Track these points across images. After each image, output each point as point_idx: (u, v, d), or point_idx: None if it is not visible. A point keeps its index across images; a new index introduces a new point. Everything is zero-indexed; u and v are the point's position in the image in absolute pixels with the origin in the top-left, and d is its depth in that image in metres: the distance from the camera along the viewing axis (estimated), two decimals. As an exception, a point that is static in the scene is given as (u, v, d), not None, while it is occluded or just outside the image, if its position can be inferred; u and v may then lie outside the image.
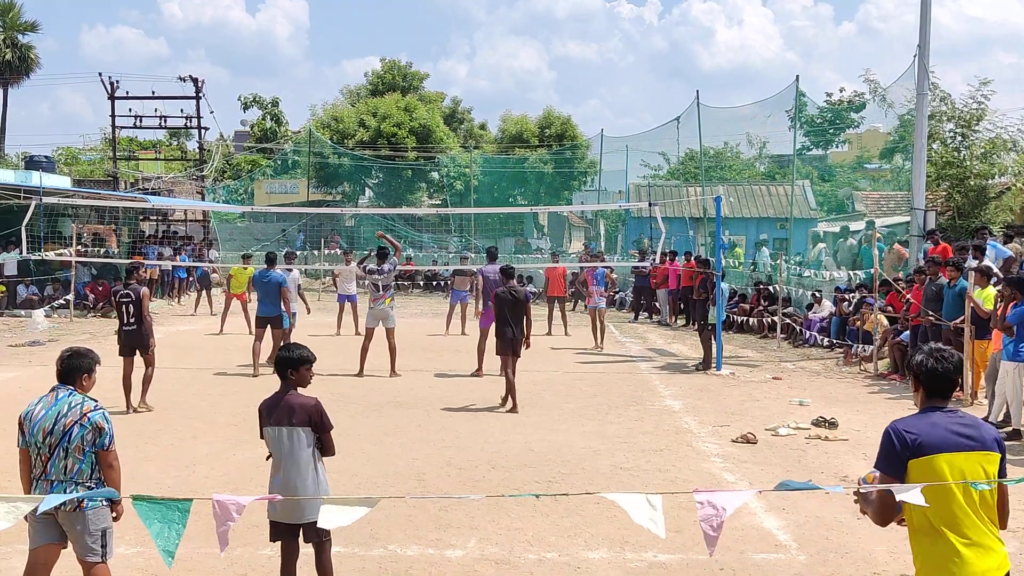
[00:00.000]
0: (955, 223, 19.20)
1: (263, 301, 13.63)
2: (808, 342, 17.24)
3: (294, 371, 5.37)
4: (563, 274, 19.71)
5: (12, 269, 22.26)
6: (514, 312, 11.17)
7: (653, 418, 10.85)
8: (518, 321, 11.19)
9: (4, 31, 42.92)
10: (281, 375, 5.40)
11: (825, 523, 6.91)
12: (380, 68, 44.04)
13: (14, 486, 5.42)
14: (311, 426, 5.28)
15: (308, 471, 5.26)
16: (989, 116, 19.61)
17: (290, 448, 5.24)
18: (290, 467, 5.24)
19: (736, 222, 30.10)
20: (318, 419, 5.31)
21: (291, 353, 5.43)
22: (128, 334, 10.97)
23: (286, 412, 5.26)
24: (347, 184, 38.72)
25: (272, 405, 5.34)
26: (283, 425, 5.26)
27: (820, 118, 34.64)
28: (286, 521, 5.28)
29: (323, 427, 5.34)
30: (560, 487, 7.84)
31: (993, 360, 10.32)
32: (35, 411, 4.92)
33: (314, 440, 5.30)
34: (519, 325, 11.20)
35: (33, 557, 4.93)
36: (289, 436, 5.24)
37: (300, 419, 5.26)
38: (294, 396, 5.34)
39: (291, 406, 5.29)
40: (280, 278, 13.70)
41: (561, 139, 38.78)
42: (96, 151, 43.87)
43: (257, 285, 13.86)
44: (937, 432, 3.65)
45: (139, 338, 10.95)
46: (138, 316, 10.93)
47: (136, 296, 10.94)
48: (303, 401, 5.33)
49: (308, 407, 5.31)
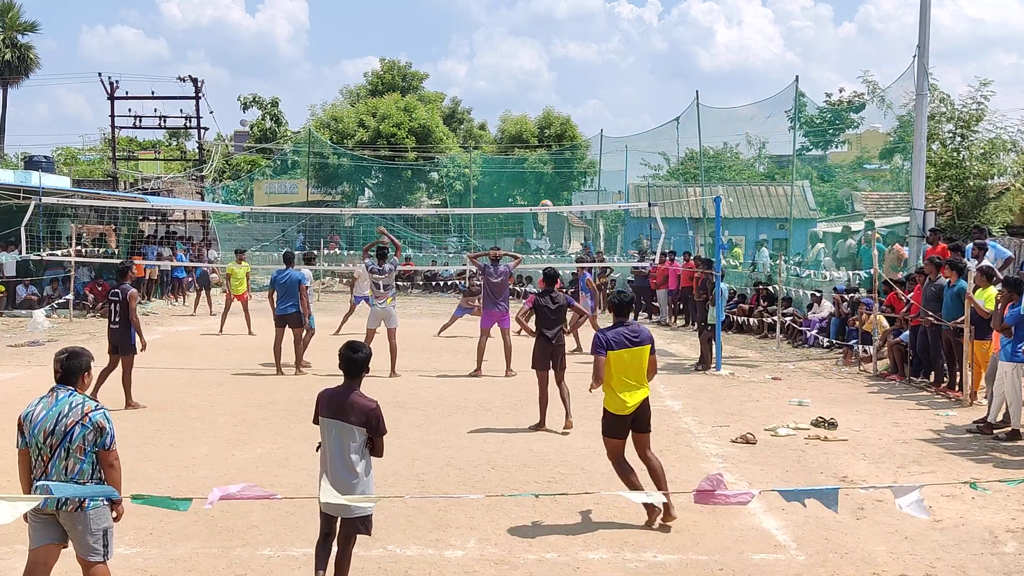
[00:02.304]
0: (955, 223, 19.22)
1: (282, 300, 13.66)
2: (808, 343, 17.25)
3: (365, 370, 5.55)
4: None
5: (12, 269, 22.26)
6: (556, 321, 10.24)
7: (652, 418, 10.82)
8: (559, 329, 10.23)
9: (4, 31, 42.94)
10: (350, 373, 5.52)
11: (824, 523, 6.91)
12: (380, 68, 44.02)
13: (14, 487, 5.42)
14: (367, 427, 5.40)
15: (355, 468, 5.37)
16: (988, 117, 19.65)
17: (346, 443, 5.37)
18: (342, 461, 5.37)
19: (736, 222, 30.09)
20: (376, 423, 5.44)
21: (360, 353, 5.57)
22: (111, 332, 11.07)
23: (347, 409, 5.40)
24: (347, 184, 38.70)
25: (334, 398, 5.47)
26: (341, 420, 5.39)
27: (820, 119, 34.62)
28: (333, 513, 5.42)
29: (378, 431, 5.47)
30: (560, 487, 7.84)
31: (993, 360, 10.32)
32: (35, 412, 4.92)
33: (366, 440, 5.43)
34: (560, 334, 10.24)
35: (33, 557, 4.93)
36: (344, 432, 5.38)
37: (359, 419, 5.40)
38: (358, 396, 5.47)
39: (353, 404, 5.42)
40: (299, 276, 13.76)
41: (561, 139, 38.77)
42: (95, 151, 43.87)
43: (275, 284, 13.88)
44: (618, 336, 6.93)
45: (119, 338, 10.98)
46: (123, 316, 10.96)
47: (123, 296, 10.98)
48: (365, 403, 5.46)
49: (368, 409, 5.44)
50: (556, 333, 10.17)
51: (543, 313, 10.20)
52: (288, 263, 14.06)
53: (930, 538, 6.68)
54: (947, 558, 6.32)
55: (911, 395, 12.44)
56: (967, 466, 8.72)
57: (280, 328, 13.70)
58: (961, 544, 6.59)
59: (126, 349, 11.03)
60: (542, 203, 32.30)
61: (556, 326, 10.20)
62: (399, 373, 13.57)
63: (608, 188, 36.46)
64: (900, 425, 10.51)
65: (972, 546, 6.55)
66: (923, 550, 6.46)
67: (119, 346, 11.03)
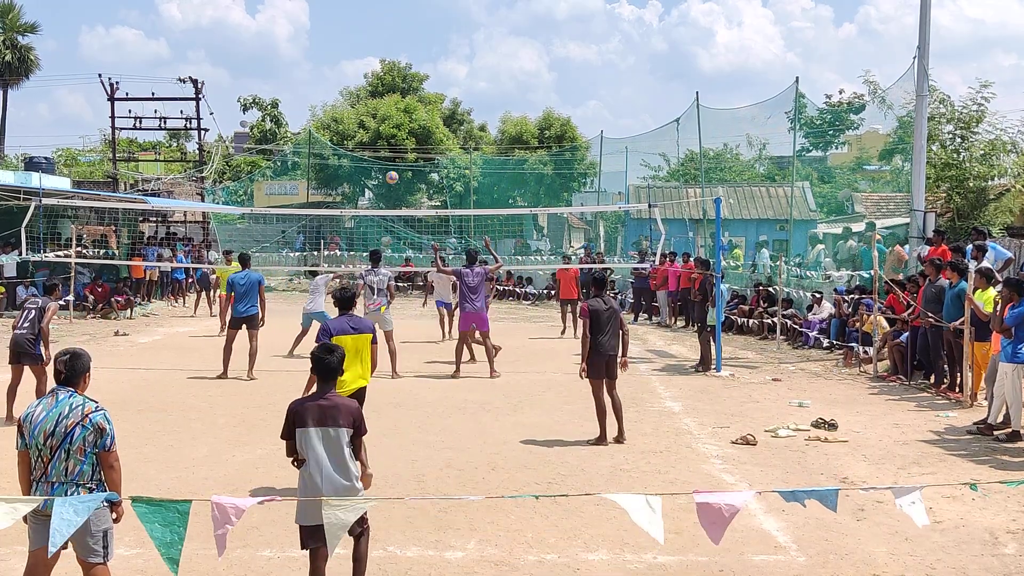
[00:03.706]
0: (955, 224, 19.21)
1: (242, 301, 13.68)
2: (808, 344, 17.24)
3: (340, 373, 5.45)
4: (575, 276, 19.58)
5: (12, 270, 22.25)
6: (611, 326, 9.54)
7: (652, 420, 10.85)
8: (616, 336, 9.58)
9: (4, 32, 42.96)
10: (325, 377, 5.39)
11: (825, 525, 6.91)
12: (380, 69, 44.03)
13: (13, 488, 5.41)
14: (352, 427, 5.30)
15: (351, 471, 5.28)
16: (988, 118, 19.64)
17: (336, 449, 5.23)
18: (334, 467, 5.22)
19: (736, 223, 30.09)
20: (360, 422, 5.35)
21: (335, 355, 5.45)
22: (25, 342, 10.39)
23: (333, 414, 5.25)
24: (347, 185, 38.73)
25: (316, 407, 5.28)
26: (328, 426, 5.23)
27: (820, 119, 34.66)
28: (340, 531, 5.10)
29: (362, 430, 5.39)
30: (560, 488, 7.84)
31: (993, 362, 10.32)
32: (35, 413, 4.91)
33: (348, 441, 5.30)
34: (618, 341, 9.60)
35: (33, 558, 4.93)
36: (336, 437, 5.23)
37: (345, 420, 5.27)
38: (336, 397, 5.36)
39: (339, 407, 5.29)
40: (258, 277, 13.85)
41: (561, 140, 38.78)
42: (96, 152, 43.88)
43: (234, 286, 13.80)
44: (342, 326, 7.71)
45: (26, 347, 10.38)
46: (34, 326, 10.36)
47: (41, 307, 10.45)
48: (347, 403, 5.36)
49: (355, 409, 5.35)
50: (608, 340, 9.52)
51: (596, 318, 9.51)
52: (245, 264, 14.19)
53: (930, 539, 6.67)
54: (947, 559, 6.32)
55: (911, 396, 12.43)
56: (967, 467, 8.72)
57: (234, 330, 13.71)
58: (961, 545, 6.58)
59: (36, 360, 10.41)
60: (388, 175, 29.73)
61: (609, 333, 9.52)
62: (401, 374, 13.60)
63: (608, 189, 36.45)
64: (900, 426, 10.51)
65: (972, 547, 6.55)
66: (923, 551, 6.45)
67: (27, 357, 10.42)
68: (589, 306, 9.55)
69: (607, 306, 9.58)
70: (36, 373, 10.43)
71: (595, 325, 9.49)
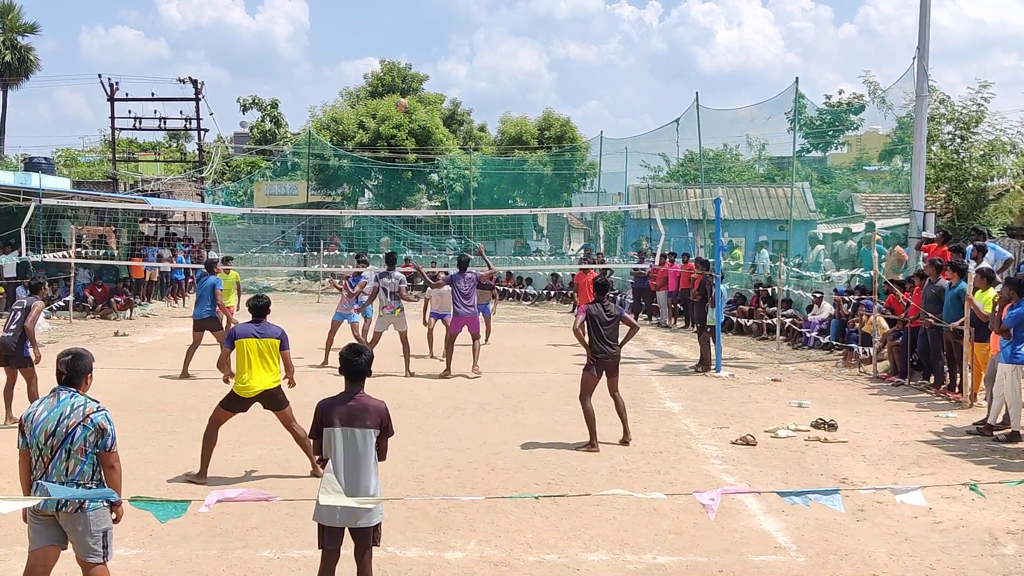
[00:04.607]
0: (954, 225, 19.22)
1: (198, 304, 13.74)
2: (807, 344, 17.24)
3: (368, 374, 5.39)
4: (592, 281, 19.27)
5: (11, 271, 22.25)
6: (611, 333, 9.47)
7: (652, 420, 10.85)
8: (615, 340, 9.53)
9: (4, 33, 42.94)
10: (353, 377, 5.35)
11: (824, 525, 6.92)
12: (379, 70, 44.01)
13: (14, 487, 5.42)
14: (379, 428, 5.27)
15: (374, 473, 5.25)
16: (988, 118, 19.65)
17: (363, 450, 5.20)
18: (361, 469, 5.19)
19: (735, 224, 30.08)
20: (388, 422, 5.32)
21: (363, 356, 5.39)
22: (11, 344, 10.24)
23: (360, 414, 5.23)
24: (347, 186, 38.70)
25: (343, 406, 5.26)
26: (355, 427, 5.20)
27: (819, 120, 34.64)
28: (345, 525, 5.20)
29: (389, 431, 5.34)
30: (559, 489, 7.84)
31: (993, 362, 10.32)
32: (36, 412, 4.92)
33: (374, 442, 5.27)
34: (618, 345, 9.54)
35: (33, 558, 4.93)
36: (362, 438, 5.20)
37: (373, 421, 5.24)
38: (366, 398, 5.32)
39: (367, 407, 5.26)
40: (214, 281, 13.83)
41: (560, 141, 38.77)
42: (95, 153, 43.87)
43: (197, 287, 13.85)
44: (247, 329, 8.21)
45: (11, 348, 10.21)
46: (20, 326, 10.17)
47: (26, 306, 10.25)
48: (375, 404, 5.32)
49: (381, 410, 5.31)
50: (606, 347, 9.40)
51: (595, 324, 9.41)
52: (209, 269, 14.29)
53: (930, 540, 6.68)
54: (947, 560, 6.32)
55: (911, 397, 12.43)
56: (967, 468, 8.72)
57: (199, 332, 13.74)
58: (961, 546, 6.59)
59: (22, 363, 10.30)
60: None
61: (608, 339, 9.41)
62: (414, 372, 13.85)
63: (608, 189, 36.44)
64: (900, 427, 10.51)
65: (972, 548, 6.55)
66: (923, 552, 6.46)
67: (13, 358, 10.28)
68: (588, 311, 9.52)
69: (608, 314, 9.47)
70: (26, 376, 10.26)
71: (593, 330, 9.44)
